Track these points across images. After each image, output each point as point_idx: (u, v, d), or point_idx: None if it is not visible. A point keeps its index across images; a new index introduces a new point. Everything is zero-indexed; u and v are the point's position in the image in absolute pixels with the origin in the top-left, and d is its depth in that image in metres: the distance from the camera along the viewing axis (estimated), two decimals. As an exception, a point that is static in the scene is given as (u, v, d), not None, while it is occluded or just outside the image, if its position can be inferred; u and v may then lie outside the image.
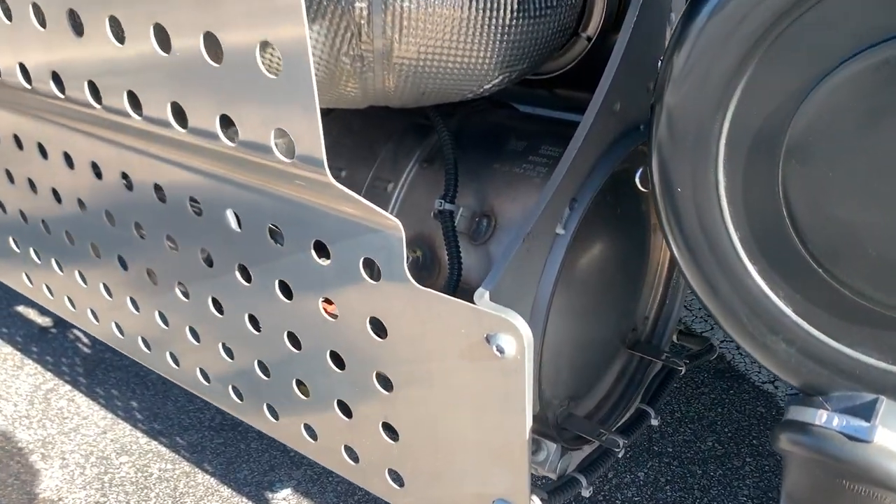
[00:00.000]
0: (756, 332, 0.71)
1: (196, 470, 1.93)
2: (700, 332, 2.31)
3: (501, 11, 1.00)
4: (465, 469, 1.09)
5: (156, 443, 2.02)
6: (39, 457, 1.99)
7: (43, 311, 2.59)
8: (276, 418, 1.35)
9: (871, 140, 0.58)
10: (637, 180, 1.01)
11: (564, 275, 1.08)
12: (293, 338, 1.20)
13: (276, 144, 0.88)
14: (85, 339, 2.45)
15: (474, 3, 0.98)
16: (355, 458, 1.25)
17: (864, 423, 0.65)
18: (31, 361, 2.36)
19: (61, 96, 1.13)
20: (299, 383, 1.26)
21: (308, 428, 1.30)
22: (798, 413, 0.71)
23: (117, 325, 1.60)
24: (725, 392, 2.14)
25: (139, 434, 2.06)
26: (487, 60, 1.04)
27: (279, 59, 0.81)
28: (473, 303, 0.96)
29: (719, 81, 0.64)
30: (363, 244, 1.00)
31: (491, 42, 1.02)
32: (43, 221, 1.58)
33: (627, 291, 1.40)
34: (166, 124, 0.99)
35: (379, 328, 1.07)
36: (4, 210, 1.70)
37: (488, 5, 0.98)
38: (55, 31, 1.04)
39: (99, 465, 1.95)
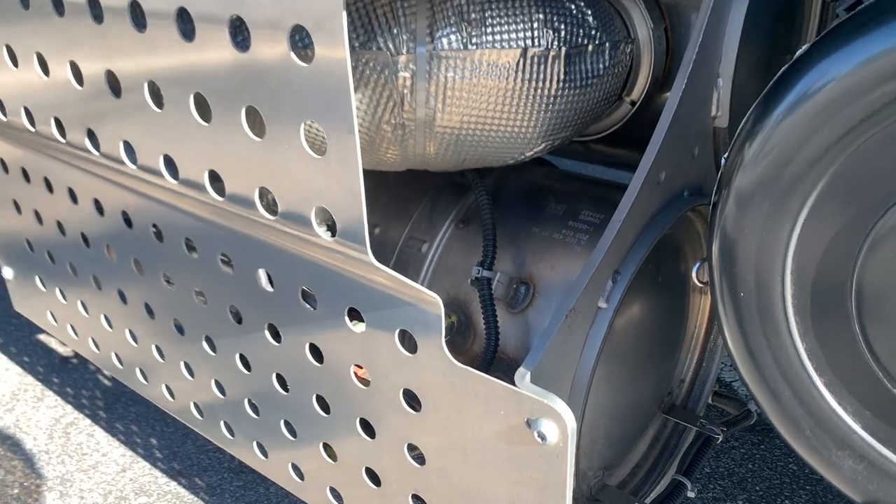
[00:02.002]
0: (821, 446, 0.67)
1: (215, 514, 1.90)
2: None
3: (547, 82, 0.97)
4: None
5: (175, 483, 2.00)
6: (58, 495, 1.97)
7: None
8: (301, 478, 1.32)
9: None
10: (694, 275, 0.98)
11: (605, 348, 1.04)
12: (321, 401, 1.17)
13: (316, 222, 0.85)
14: (106, 371, 2.44)
15: (520, 73, 0.95)
16: (382, 525, 1.21)
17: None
18: (51, 393, 2.35)
19: (96, 153, 1.11)
20: (326, 446, 1.23)
21: (334, 492, 1.26)
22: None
23: (141, 371, 1.58)
24: (756, 447, 2.08)
25: (158, 473, 2.03)
26: (531, 130, 1.01)
27: (324, 137, 0.78)
28: (513, 381, 0.92)
29: (791, 188, 0.61)
30: (400, 316, 0.97)
31: (535, 112, 0.99)
32: (72, 265, 1.57)
33: (665, 355, 1.37)
34: (202, 189, 0.97)
35: (412, 399, 1.04)
36: (31, 248, 1.69)
37: (534, 76, 0.96)
38: (92, 90, 1.02)
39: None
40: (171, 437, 2.16)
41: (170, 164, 0.99)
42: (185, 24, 0.85)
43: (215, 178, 0.94)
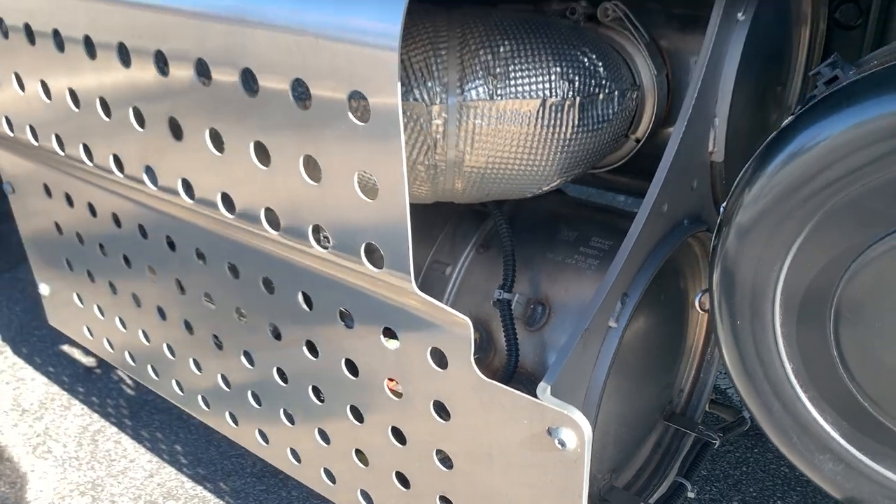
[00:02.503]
0: (805, 450, 0.80)
1: (240, 516, 2.01)
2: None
3: (563, 127, 1.09)
4: (518, 544, 1.17)
5: (201, 488, 2.10)
6: (90, 499, 2.07)
7: (87, 351, 2.69)
8: (333, 482, 1.43)
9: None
10: (697, 304, 1.10)
11: (614, 362, 1.16)
12: (355, 411, 1.29)
13: (365, 256, 0.97)
14: (128, 381, 2.54)
15: (539, 120, 1.07)
16: (410, 524, 1.33)
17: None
18: (77, 402, 2.45)
19: (152, 187, 1.22)
20: (358, 452, 1.34)
21: (364, 494, 1.38)
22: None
23: (177, 382, 1.69)
24: (750, 451, 2.20)
25: (184, 479, 2.14)
26: (548, 168, 1.13)
27: (375, 182, 0.90)
28: (534, 394, 1.04)
29: (781, 231, 0.73)
30: (433, 336, 1.08)
31: (552, 153, 1.11)
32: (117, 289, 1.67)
33: (666, 367, 1.48)
34: (256, 223, 1.08)
35: (441, 409, 1.15)
36: (71, 268, 1.80)
37: (552, 122, 1.08)
38: (153, 133, 1.14)
39: (147, 509, 2.04)
40: (195, 444, 2.27)
41: (227, 200, 1.10)
42: (250, 82, 0.96)
43: (270, 215, 1.06)
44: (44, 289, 1.97)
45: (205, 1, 0.97)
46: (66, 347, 2.72)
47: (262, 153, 1.00)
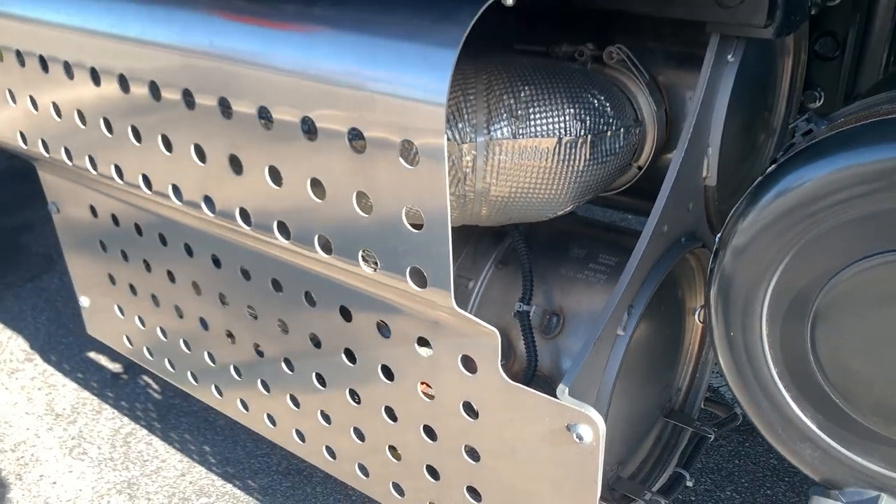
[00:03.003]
0: (788, 440, 0.95)
1: (269, 511, 2.16)
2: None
3: (576, 161, 1.24)
4: (539, 527, 1.32)
5: (230, 485, 2.25)
6: (127, 497, 2.22)
7: (113, 358, 2.83)
8: (367, 476, 1.58)
9: (876, 315, 0.82)
10: (696, 317, 1.25)
11: (624, 364, 1.31)
12: (390, 411, 1.44)
13: (409, 277, 1.12)
14: (154, 386, 2.68)
15: (556, 156, 1.23)
16: (439, 513, 1.48)
17: (870, 514, 0.89)
18: (108, 406, 2.59)
19: (209, 214, 1.37)
20: (391, 448, 1.49)
21: (396, 486, 1.53)
22: (821, 499, 0.95)
23: (216, 387, 1.84)
24: (742, 445, 2.36)
25: (214, 477, 2.28)
26: (562, 196, 1.28)
27: (420, 213, 1.05)
28: (554, 395, 1.19)
29: (767, 258, 0.88)
30: (464, 345, 1.23)
31: (566, 183, 1.26)
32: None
33: (666, 368, 1.64)
34: (310, 248, 1.23)
35: (470, 410, 1.30)
36: (113, 282, 1.94)
37: (566, 158, 1.23)
38: (215, 167, 1.29)
39: (181, 505, 2.18)
40: (223, 444, 2.41)
41: (282, 227, 1.25)
42: (309, 128, 1.11)
43: (323, 242, 1.21)
44: (84, 301, 2.11)
45: (269, 56, 1.12)
46: (92, 354, 2.86)
47: (318, 188, 1.15)
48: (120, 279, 1.91)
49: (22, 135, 1.70)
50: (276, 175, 1.20)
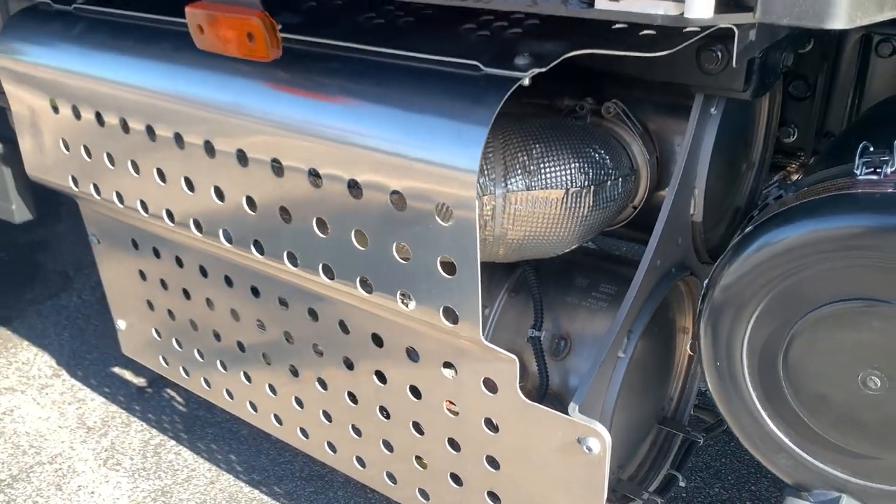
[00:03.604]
0: (766, 451, 1.14)
1: (295, 515, 2.34)
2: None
3: (581, 208, 1.43)
4: (552, 526, 1.51)
5: (258, 491, 2.43)
6: (162, 504, 2.39)
7: (137, 372, 2.99)
8: (395, 482, 1.76)
9: (832, 351, 1.01)
10: (688, 348, 1.44)
11: (624, 381, 1.50)
12: (417, 426, 1.62)
13: (442, 315, 1.30)
14: (179, 399, 2.86)
15: (563, 204, 1.41)
16: (461, 514, 1.66)
17: (832, 511, 1.08)
18: (136, 419, 2.76)
19: (259, 257, 1.55)
20: (418, 458, 1.68)
21: (422, 491, 1.71)
22: (794, 499, 1.14)
23: (251, 403, 2.01)
24: (727, 445, 2.57)
25: (242, 484, 2.46)
26: (569, 238, 1.47)
27: (454, 263, 1.23)
28: (566, 411, 1.38)
29: (745, 303, 1.07)
30: (485, 369, 1.42)
31: (572, 227, 1.45)
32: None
33: (660, 381, 1.83)
34: (352, 288, 1.41)
35: (490, 424, 1.49)
36: (152, 308, 2.11)
37: (572, 206, 1.42)
38: (265, 216, 1.47)
39: (213, 511, 2.36)
40: (247, 453, 2.59)
41: (327, 270, 1.43)
42: (355, 188, 1.29)
43: (364, 283, 1.39)
44: (121, 324, 2.28)
45: (321, 125, 1.30)
46: (117, 369, 3.03)
47: (361, 236, 1.34)
48: (158, 305, 2.08)
49: (73, 178, 1.87)
50: (322, 225, 1.38)
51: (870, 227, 0.94)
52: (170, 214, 1.68)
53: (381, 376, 1.62)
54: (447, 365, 1.49)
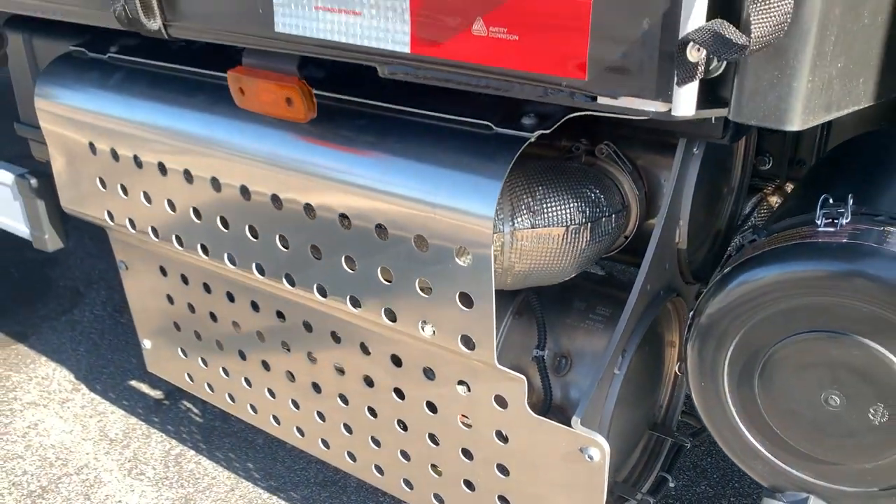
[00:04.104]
0: (745, 458, 1.32)
1: (312, 518, 2.51)
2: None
3: (579, 242, 1.61)
4: (557, 525, 1.69)
5: (276, 497, 2.59)
6: (186, 511, 2.55)
7: (153, 385, 3.14)
8: (411, 488, 1.93)
9: (798, 374, 1.19)
10: (676, 369, 1.62)
11: (619, 395, 1.68)
12: (433, 437, 1.79)
13: (461, 342, 1.47)
14: (195, 410, 3.01)
15: (563, 240, 1.59)
16: (473, 517, 1.84)
17: (801, 511, 1.26)
18: (156, 430, 2.91)
19: (290, 288, 1.71)
20: (433, 466, 1.85)
21: (437, 496, 1.88)
22: (769, 502, 1.32)
23: (274, 417, 2.17)
24: (714, 444, 2.74)
25: (261, 490, 2.62)
26: (569, 268, 1.65)
27: (471, 298, 1.40)
28: (569, 424, 1.55)
29: (725, 333, 1.25)
30: (497, 387, 1.59)
31: (572, 259, 1.62)
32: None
33: (651, 391, 2.01)
34: (377, 318, 1.58)
35: (501, 436, 1.66)
36: (178, 328, 2.26)
37: (571, 241, 1.59)
38: (297, 254, 1.63)
39: (235, 516, 2.52)
40: (263, 461, 2.75)
41: (354, 301, 1.60)
42: (382, 231, 1.46)
43: (389, 312, 1.56)
44: (146, 343, 2.43)
45: (351, 175, 1.47)
46: (134, 383, 3.17)
47: (386, 273, 1.50)
48: (185, 327, 2.24)
49: (109, 213, 2.02)
50: (350, 262, 1.55)
51: (828, 272, 1.12)
52: (204, 249, 1.84)
53: (399, 393, 1.79)
54: (461, 383, 1.66)
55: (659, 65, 0.91)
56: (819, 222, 1.18)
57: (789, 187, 2.16)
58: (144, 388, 3.14)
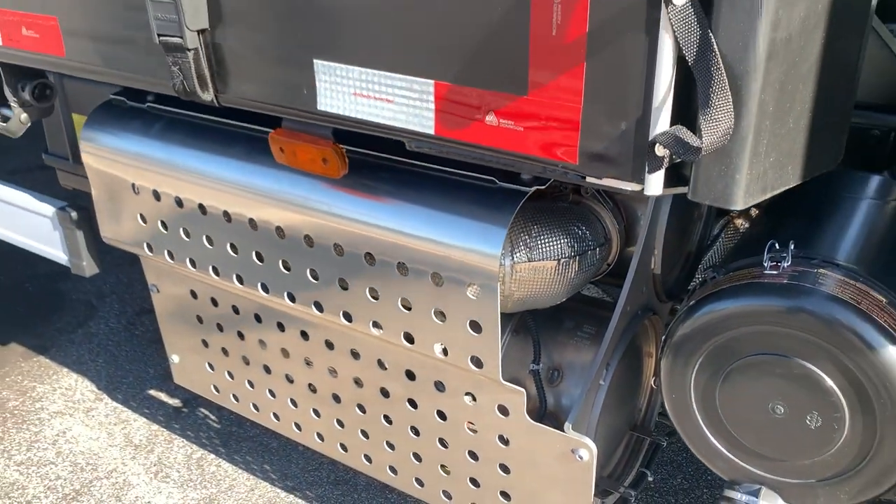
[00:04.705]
0: (709, 456, 1.59)
1: (326, 514, 2.76)
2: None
3: (569, 273, 1.87)
4: (552, 516, 1.95)
5: (293, 496, 2.84)
6: (211, 510, 2.79)
7: (171, 394, 3.38)
8: (422, 486, 2.19)
9: (745, 387, 1.48)
10: (652, 382, 1.90)
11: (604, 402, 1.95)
12: (442, 441, 2.05)
13: (470, 363, 1.74)
14: (212, 416, 3.25)
15: (555, 271, 1.85)
16: (477, 510, 2.10)
17: (754, 499, 1.53)
18: (177, 436, 3.15)
19: (318, 314, 1.97)
20: (442, 466, 2.11)
21: (445, 492, 2.15)
22: (728, 492, 1.60)
23: (296, 424, 2.42)
24: (687, 442, 3.04)
25: (278, 490, 2.87)
26: (560, 294, 1.91)
27: (480, 324, 1.67)
28: (562, 429, 1.82)
29: (691, 355, 1.53)
30: (500, 398, 1.85)
31: (562, 287, 1.89)
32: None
33: (632, 396, 2.29)
34: (397, 340, 1.84)
35: (503, 440, 1.92)
36: (206, 345, 2.50)
37: (562, 271, 1.86)
38: (326, 284, 1.89)
39: (256, 514, 2.77)
40: (279, 463, 3.00)
41: (376, 325, 1.86)
42: (403, 267, 1.72)
43: (408, 336, 1.81)
44: (175, 358, 2.67)
45: (375, 219, 1.72)
46: (153, 392, 3.41)
47: (406, 303, 1.76)
48: (213, 343, 2.48)
49: (148, 245, 2.26)
50: (374, 293, 1.81)
51: (772, 307, 1.40)
52: (239, 279, 2.09)
53: (412, 403, 2.04)
54: (468, 394, 1.92)
55: (634, 156, 1.18)
56: (766, 265, 1.45)
57: (754, 212, 2.45)
58: (163, 396, 3.38)
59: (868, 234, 1.66)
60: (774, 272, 1.42)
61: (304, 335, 2.17)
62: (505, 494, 2.01)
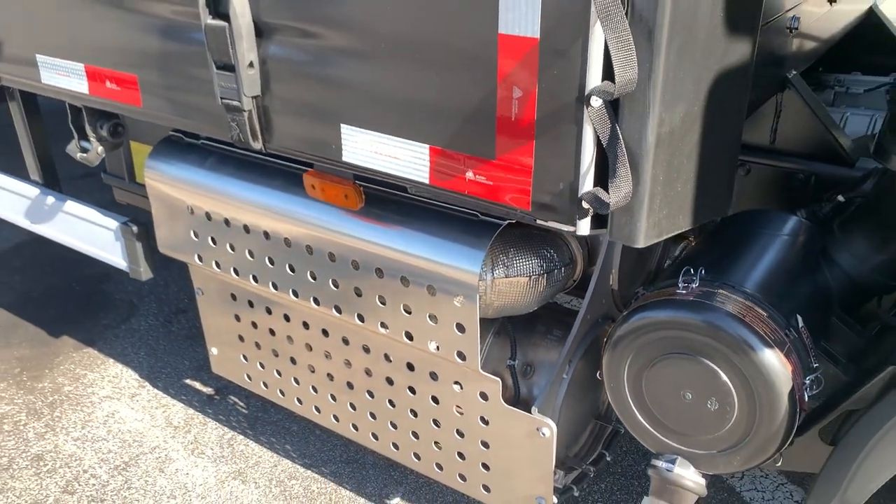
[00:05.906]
0: (639, 432, 2.05)
1: (339, 488, 3.23)
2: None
3: (539, 288, 2.34)
4: (522, 485, 2.41)
5: (310, 471, 3.31)
6: (240, 482, 3.27)
7: (205, 383, 3.86)
8: (419, 460, 2.66)
9: (664, 380, 1.94)
10: (598, 375, 2.36)
11: (567, 392, 2.41)
12: (436, 422, 2.51)
13: (457, 356, 2.21)
14: (241, 403, 3.73)
15: (529, 286, 2.32)
16: (463, 478, 2.57)
17: (672, 465, 1.99)
18: (210, 419, 3.63)
19: (337, 315, 2.45)
20: (436, 443, 2.57)
21: (438, 464, 2.61)
22: (654, 461, 2.06)
23: (316, 407, 2.89)
24: (653, 434, 3.48)
25: (298, 466, 3.35)
26: (532, 304, 2.38)
27: (464, 326, 2.14)
28: (530, 412, 2.28)
29: (623, 353, 1.99)
30: (481, 386, 2.32)
31: (534, 299, 2.36)
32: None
33: (594, 389, 2.75)
34: (399, 337, 2.32)
35: (484, 420, 2.39)
36: (242, 340, 2.98)
37: (534, 286, 2.33)
38: (344, 291, 2.37)
39: (279, 485, 3.24)
40: (299, 444, 3.47)
41: (383, 325, 2.33)
42: (405, 280, 2.19)
43: (408, 335, 2.29)
44: (213, 350, 3.15)
45: (383, 242, 2.20)
46: (188, 381, 3.89)
47: (407, 308, 2.24)
48: (248, 339, 2.96)
49: (199, 256, 2.75)
50: (382, 299, 2.29)
51: (681, 318, 1.86)
52: (274, 285, 2.57)
53: (412, 389, 2.51)
54: (456, 382, 2.39)
55: (569, 207, 1.64)
56: (680, 286, 1.92)
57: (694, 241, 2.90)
58: (198, 385, 3.86)
59: (772, 264, 2.13)
60: (685, 291, 1.89)
61: (325, 333, 2.65)
62: (485, 465, 2.48)
